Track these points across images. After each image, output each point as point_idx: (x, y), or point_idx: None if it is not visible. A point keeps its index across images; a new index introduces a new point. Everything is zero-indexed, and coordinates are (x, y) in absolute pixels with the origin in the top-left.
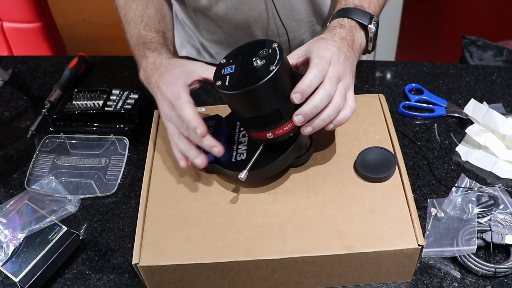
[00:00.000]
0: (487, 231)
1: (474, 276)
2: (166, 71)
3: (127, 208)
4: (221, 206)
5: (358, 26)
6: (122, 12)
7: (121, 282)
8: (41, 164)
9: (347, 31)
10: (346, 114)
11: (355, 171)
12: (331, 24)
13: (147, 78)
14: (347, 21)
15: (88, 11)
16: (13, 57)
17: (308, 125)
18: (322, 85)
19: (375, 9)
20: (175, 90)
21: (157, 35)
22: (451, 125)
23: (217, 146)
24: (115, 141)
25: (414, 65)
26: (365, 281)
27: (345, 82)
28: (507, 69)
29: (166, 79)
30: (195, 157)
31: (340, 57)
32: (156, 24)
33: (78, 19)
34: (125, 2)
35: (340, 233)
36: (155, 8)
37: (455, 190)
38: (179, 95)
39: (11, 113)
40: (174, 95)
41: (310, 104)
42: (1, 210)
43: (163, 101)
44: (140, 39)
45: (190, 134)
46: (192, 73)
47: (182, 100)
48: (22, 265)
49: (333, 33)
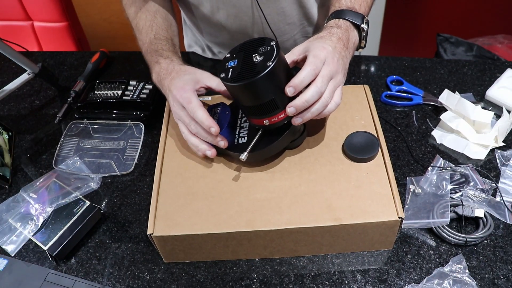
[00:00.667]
0: (459, 205)
1: (448, 245)
2: (177, 76)
3: (143, 185)
4: (225, 183)
5: (352, 26)
6: (134, 22)
7: (137, 250)
8: (67, 146)
9: (343, 31)
10: (330, 108)
11: (343, 152)
12: (328, 24)
13: (160, 81)
14: (342, 21)
15: (108, 12)
16: (42, 52)
17: (299, 116)
18: (315, 82)
19: (365, 10)
20: (186, 94)
21: (167, 43)
22: (427, 112)
23: (224, 140)
24: (132, 126)
25: (395, 59)
26: (352, 249)
27: (336, 80)
28: (476, 63)
29: (177, 84)
30: (206, 150)
31: (334, 57)
32: (165, 32)
33: (99, 18)
34: (135, 13)
35: (329, 207)
36: (162, 17)
37: (431, 169)
38: (190, 99)
39: (41, 101)
40: (185, 99)
41: (302, 98)
42: (32, 187)
43: (174, 102)
44: (151, 47)
45: (198, 131)
46: (199, 81)
47: (193, 104)
48: (50, 235)
49: (330, 32)
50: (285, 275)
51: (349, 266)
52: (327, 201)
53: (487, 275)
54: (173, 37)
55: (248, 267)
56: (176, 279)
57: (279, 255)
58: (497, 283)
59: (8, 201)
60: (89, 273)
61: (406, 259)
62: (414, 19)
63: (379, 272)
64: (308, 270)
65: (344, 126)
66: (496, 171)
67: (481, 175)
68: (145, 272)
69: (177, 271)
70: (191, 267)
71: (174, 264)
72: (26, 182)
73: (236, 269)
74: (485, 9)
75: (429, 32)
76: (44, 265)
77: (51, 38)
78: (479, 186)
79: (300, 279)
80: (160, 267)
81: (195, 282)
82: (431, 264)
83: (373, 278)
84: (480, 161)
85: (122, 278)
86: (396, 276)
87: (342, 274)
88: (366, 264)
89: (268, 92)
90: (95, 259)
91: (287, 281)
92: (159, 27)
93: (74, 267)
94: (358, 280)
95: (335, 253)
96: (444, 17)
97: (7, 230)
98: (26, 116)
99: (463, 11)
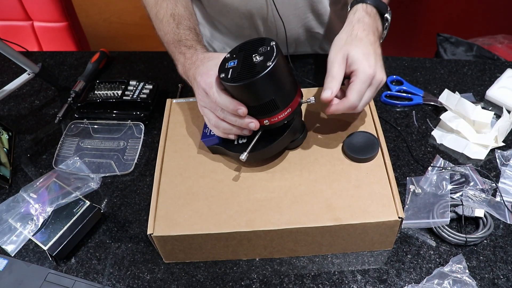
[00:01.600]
0: (459, 205)
1: (448, 245)
2: (201, 64)
3: (143, 185)
4: (225, 183)
5: (378, 14)
6: (153, 10)
7: (137, 250)
8: (67, 146)
9: (373, 21)
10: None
11: (343, 153)
12: (356, 9)
13: (186, 72)
14: (370, 8)
15: (108, 12)
16: (42, 52)
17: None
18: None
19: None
20: (209, 80)
21: (190, 32)
22: (427, 112)
23: (254, 121)
24: (132, 126)
25: (395, 59)
26: (351, 249)
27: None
28: (476, 63)
29: (201, 71)
30: (242, 130)
31: (378, 63)
32: (187, 21)
33: (99, 19)
34: (155, 2)
35: (329, 207)
36: (183, 6)
37: (431, 169)
38: (212, 84)
39: (41, 101)
40: (208, 84)
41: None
42: (32, 187)
43: (198, 90)
44: (175, 37)
45: (226, 116)
46: None
47: (215, 88)
48: (50, 235)
49: (365, 28)
50: (285, 275)
51: (349, 266)
52: (327, 201)
53: (487, 275)
54: (196, 26)
55: (248, 267)
56: (176, 279)
57: (279, 255)
58: (497, 283)
59: (8, 201)
60: (89, 273)
61: (406, 259)
62: (414, 19)
63: (379, 272)
64: (308, 270)
65: (344, 126)
66: (496, 171)
67: (481, 175)
68: (145, 272)
69: (177, 271)
70: (191, 267)
71: (174, 264)
72: (26, 182)
73: (236, 269)
74: (485, 9)
75: (429, 32)
76: (44, 265)
77: (51, 38)
78: (479, 186)
79: (300, 279)
80: (160, 267)
81: (195, 282)
82: (431, 264)
83: (373, 278)
84: (480, 161)
85: (122, 278)
86: (396, 276)
87: (342, 274)
88: (366, 264)
89: (268, 92)
90: (95, 259)
91: (287, 281)
92: (181, 17)
93: (74, 267)
94: (358, 280)
95: (335, 253)
96: (444, 17)
97: (7, 230)
98: (26, 116)
99: (463, 11)
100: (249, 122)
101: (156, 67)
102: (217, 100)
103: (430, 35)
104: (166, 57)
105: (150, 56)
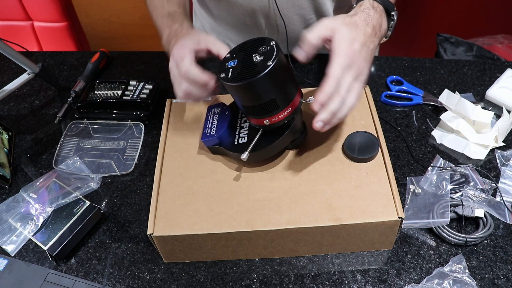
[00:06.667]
0: (459, 205)
1: (448, 245)
2: (182, 38)
3: (143, 185)
4: (225, 183)
5: (384, 12)
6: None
7: (137, 250)
8: (67, 146)
9: (378, 16)
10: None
11: (343, 152)
12: (362, 3)
13: (166, 45)
14: (377, 4)
15: (108, 12)
16: (42, 52)
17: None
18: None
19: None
20: (182, 52)
21: (179, 8)
22: (427, 112)
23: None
24: (132, 126)
25: (395, 59)
26: (352, 249)
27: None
28: (476, 63)
29: (178, 43)
30: (203, 94)
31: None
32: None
33: (99, 19)
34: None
35: (329, 207)
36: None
37: (431, 169)
38: (184, 56)
39: (41, 101)
40: (180, 56)
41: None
42: (32, 187)
43: (172, 61)
44: (163, 11)
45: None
46: (200, 41)
47: (186, 60)
48: (50, 235)
49: (367, 19)
50: (285, 275)
51: (349, 266)
52: (327, 201)
53: (487, 275)
54: (186, 2)
55: (248, 267)
56: (176, 279)
57: (279, 255)
58: (497, 283)
59: (8, 201)
60: (89, 273)
61: (406, 259)
62: (414, 19)
63: (379, 272)
64: (308, 270)
65: (344, 126)
66: (496, 171)
67: (481, 175)
68: (145, 272)
69: (177, 271)
70: (191, 267)
71: (174, 264)
72: (26, 182)
73: (236, 269)
74: (485, 9)
75: (429, 32)
76: (44, 265)
77: (51, 38)
78: (479, 186)
79: (300, 279)
80: (160, 267)
81: (195, 282)
82: (431, 264)
83: (373, 278)
84: (480, 161)
85: (122, 278)
86: (396, 276)
87: (342, 274)
88: (366, 264)
89: (268, 92)
90: (95, 259)
91: (287, 281)
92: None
93: (74, 267)
94: (358, 280)
95: (335, 253)
96: (444, 17)
97: (7, 230)
98: (26, 116)
99: (463, 11)
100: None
101: (156, 67)
102: (184, 70)
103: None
104: (166, 57)
105: (150, 56)
